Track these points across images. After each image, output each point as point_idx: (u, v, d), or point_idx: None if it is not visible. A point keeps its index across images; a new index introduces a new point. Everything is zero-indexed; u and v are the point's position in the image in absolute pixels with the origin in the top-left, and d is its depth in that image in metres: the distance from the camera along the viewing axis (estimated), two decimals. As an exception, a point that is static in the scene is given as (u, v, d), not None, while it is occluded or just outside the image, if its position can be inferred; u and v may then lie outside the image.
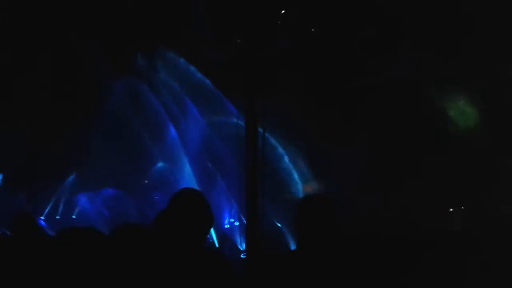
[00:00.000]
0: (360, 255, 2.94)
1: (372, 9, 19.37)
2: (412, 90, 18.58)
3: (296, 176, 22.38)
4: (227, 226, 19.11)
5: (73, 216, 21.87)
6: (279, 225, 17.45)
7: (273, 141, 19.92)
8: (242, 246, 15.92)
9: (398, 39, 18.58)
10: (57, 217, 22.08)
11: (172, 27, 19.75)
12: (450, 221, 17.92)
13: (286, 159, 22.30)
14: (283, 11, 6.95)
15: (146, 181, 22.87)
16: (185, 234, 2.73)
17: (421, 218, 16.14)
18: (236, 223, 18.89)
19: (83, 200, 22.28)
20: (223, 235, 17.95)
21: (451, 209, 19.73)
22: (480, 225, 14.97)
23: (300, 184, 21.49)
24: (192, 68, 21.37)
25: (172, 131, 21.95)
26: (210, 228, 2.84)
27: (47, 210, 22.05)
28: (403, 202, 17.13)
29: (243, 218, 13.61)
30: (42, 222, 18.85)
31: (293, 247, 3.29)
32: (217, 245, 16.63)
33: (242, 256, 14.27)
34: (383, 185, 17.99)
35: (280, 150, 21.50)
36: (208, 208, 2.83)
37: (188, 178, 20.03)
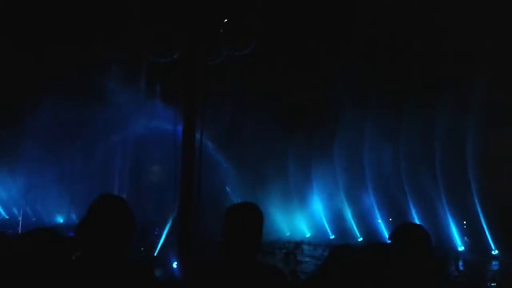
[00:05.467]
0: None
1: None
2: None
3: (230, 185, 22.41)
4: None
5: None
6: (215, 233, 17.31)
7: (210, 148, 19.98)
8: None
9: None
10: None
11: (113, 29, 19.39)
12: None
13: (223, 165, 22.32)
14: (226, 20, 6.94)
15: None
16: (104, 240, 2.65)
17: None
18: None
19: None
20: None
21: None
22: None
23: (236, 193, 21.52)
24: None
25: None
26: (131, 233, 2.75)
27: None
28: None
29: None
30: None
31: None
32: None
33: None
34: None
35: (217, 157, 21.52)
36: (128, 213, 2.76)
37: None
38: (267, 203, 20.72)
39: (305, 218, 27.29)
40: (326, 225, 26.77)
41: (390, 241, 3.01)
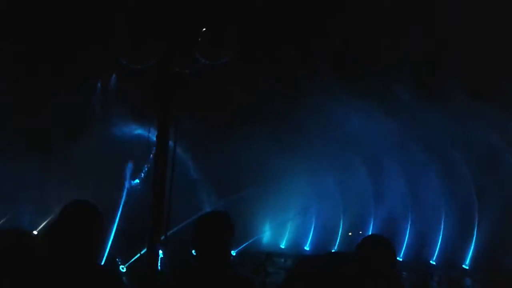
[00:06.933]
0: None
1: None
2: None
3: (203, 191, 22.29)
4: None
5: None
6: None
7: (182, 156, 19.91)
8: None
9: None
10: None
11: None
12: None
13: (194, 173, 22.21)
14: (204, 29, 6.96)
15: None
16: (73, 244, 2.66)
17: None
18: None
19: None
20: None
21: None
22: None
23: (206, 200, 21.42)
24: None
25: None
26: (101, 239, 2.74)
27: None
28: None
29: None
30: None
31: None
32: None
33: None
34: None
35: (189, 164, 21.43)
36: (98, 218, 2.76)
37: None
38: (245, 212, 20.72)
39: (281, 228, 27.33)
40: (309, 237, 26.89)
41: (356, 251, 3.07)
